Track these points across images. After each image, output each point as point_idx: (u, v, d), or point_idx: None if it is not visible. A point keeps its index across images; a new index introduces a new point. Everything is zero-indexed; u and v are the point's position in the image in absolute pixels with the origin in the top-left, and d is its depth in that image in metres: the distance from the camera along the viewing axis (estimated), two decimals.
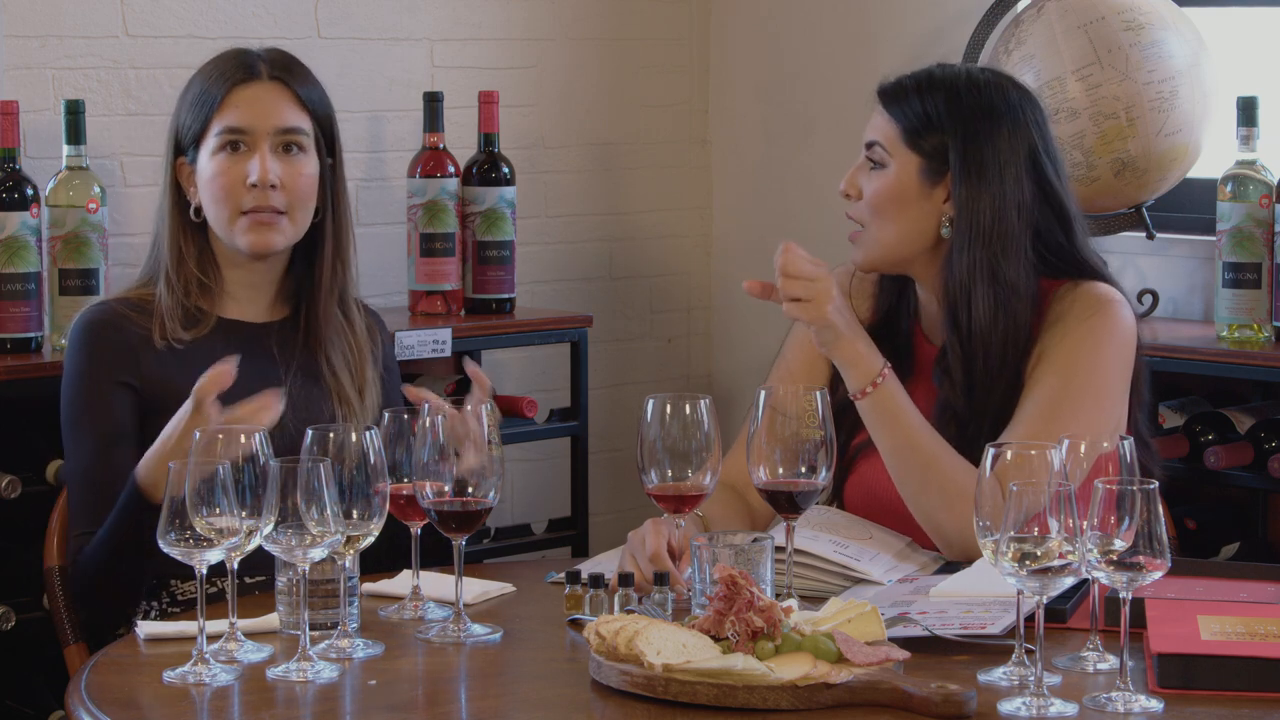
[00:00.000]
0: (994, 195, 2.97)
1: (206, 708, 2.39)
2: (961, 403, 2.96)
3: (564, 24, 4.63)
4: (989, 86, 3.02)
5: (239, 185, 3.06)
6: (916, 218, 3.01)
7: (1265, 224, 3.73)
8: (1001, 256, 2.96)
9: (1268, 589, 2.70)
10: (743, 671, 2.30)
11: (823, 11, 4.69)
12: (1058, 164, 3.04)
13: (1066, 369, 2.92)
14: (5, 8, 3.83)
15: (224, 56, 3.14)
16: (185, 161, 3.12)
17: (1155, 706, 2.31)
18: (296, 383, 3.08)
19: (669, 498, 2.71)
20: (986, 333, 2.96)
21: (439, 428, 2.59)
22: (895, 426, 2.90)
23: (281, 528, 2.45)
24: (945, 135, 2.98)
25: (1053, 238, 3.01)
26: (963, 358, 2.97)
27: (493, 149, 4.19)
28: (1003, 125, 2.99)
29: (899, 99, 3.02)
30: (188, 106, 3.12)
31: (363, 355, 3.16)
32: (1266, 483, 3.69)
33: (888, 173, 3.01)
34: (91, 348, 3.05)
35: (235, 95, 3.08)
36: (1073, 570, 2.30)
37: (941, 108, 2.99)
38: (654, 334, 4.86)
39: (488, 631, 2.64)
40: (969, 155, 2.97)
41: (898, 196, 3.01)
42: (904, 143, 3.00)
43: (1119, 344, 2.97)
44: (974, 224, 2.96)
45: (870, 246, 3.04)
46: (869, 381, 2.90)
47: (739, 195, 4.87)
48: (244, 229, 3.07)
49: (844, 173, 3.08)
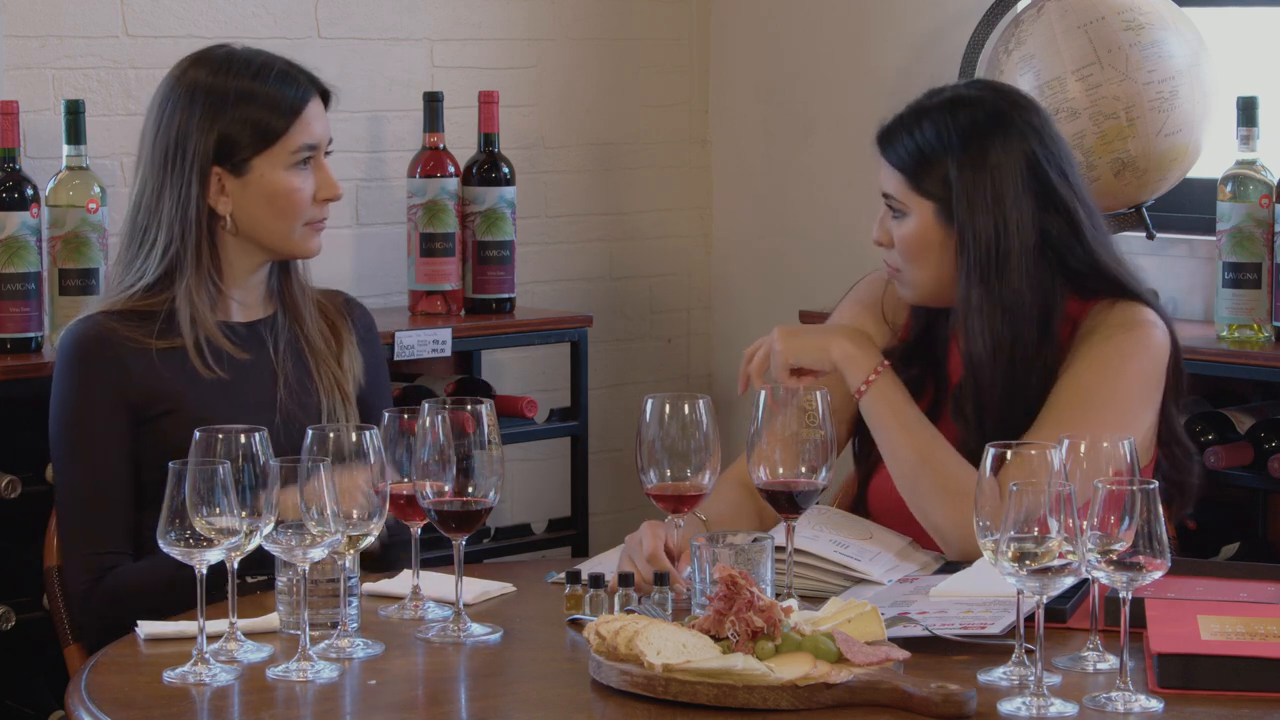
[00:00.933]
0: (993, 217, 2.93)
1: (206, 708, 2.39)
2: (975, 437, 2.92)
3: (564, 24, 4.63)
4: (974, 103, 2.99)
5: (308, 200, 3.12)
6: (945, 257, 2.98)
7: (1265, 224, 3.73)
8: (999, 281, 2.93)
9: (1268, 589, 2.70)
10: (743, 671, 2.30)
11: (823, 11, 4.69)
12: (1064, 164, 2.99)
13: (1088, 385, 2.90)
14: (5, 8, 3.83)
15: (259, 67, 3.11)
16: (220, 171, 3.08)
17: (1155, 706, 2.30)
18: (288, 366, 3.13)
19: (668, 498, 2.71)
20: (988, 361, 2.93)
21: (439, 428, 2.59)
22: (891, 422, 2.90)
23: (281, 528, 2.46)
24: (943, 165, 2.96)
25: (1065, 244, 2.97)
26: (973, 390, 2.95)
27: (493, 149, 4.19)
28: (993, 140, 2.95)
29: (893, 141, 3.00)
30: (238, 119, 3.07)
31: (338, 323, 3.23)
32: (1266, 483, 3.69)
33: (909, 220, 3.00)
34: (80, 365, 3.03)
35: (310, 110, 3.12)
36: (1073, 570, 2.30)
37: (931, 139, 2.97)
38: (654, 334, 4.86)
39: (488, 631, 2.64)
40: (964, 180, 2.94)
41: (923, 242, 2.99)
42: (913, 191, 2.98)
43: (1145, 362, 2.94)
44: (973, 251, 2.94)
45: (912, 287, 3.04)
46: (865, 377, 2.90)
47: (739, 195, 4.87)
48: (307, 238, 3.15)
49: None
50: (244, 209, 3.09)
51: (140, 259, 3.11)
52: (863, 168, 4.57)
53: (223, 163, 3.08)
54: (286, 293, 3.19)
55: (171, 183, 3.08)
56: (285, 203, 3.10)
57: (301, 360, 3.15)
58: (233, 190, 3.08)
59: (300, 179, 3.11)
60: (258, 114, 3.08)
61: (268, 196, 3.09)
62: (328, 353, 3.18)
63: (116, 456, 3.02)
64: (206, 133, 3.07)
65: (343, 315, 3.24)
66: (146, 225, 3.11)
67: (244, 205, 3.09)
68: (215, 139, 3.07)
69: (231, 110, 3.08)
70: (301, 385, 3.06)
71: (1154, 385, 2.96)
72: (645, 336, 4.84)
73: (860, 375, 2.91)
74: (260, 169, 3.09)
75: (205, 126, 3.07)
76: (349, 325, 3.24)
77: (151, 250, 3.10)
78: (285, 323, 3.18)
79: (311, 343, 3.17)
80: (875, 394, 2.90)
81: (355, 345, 3.22)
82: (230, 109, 3.08)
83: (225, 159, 3.08)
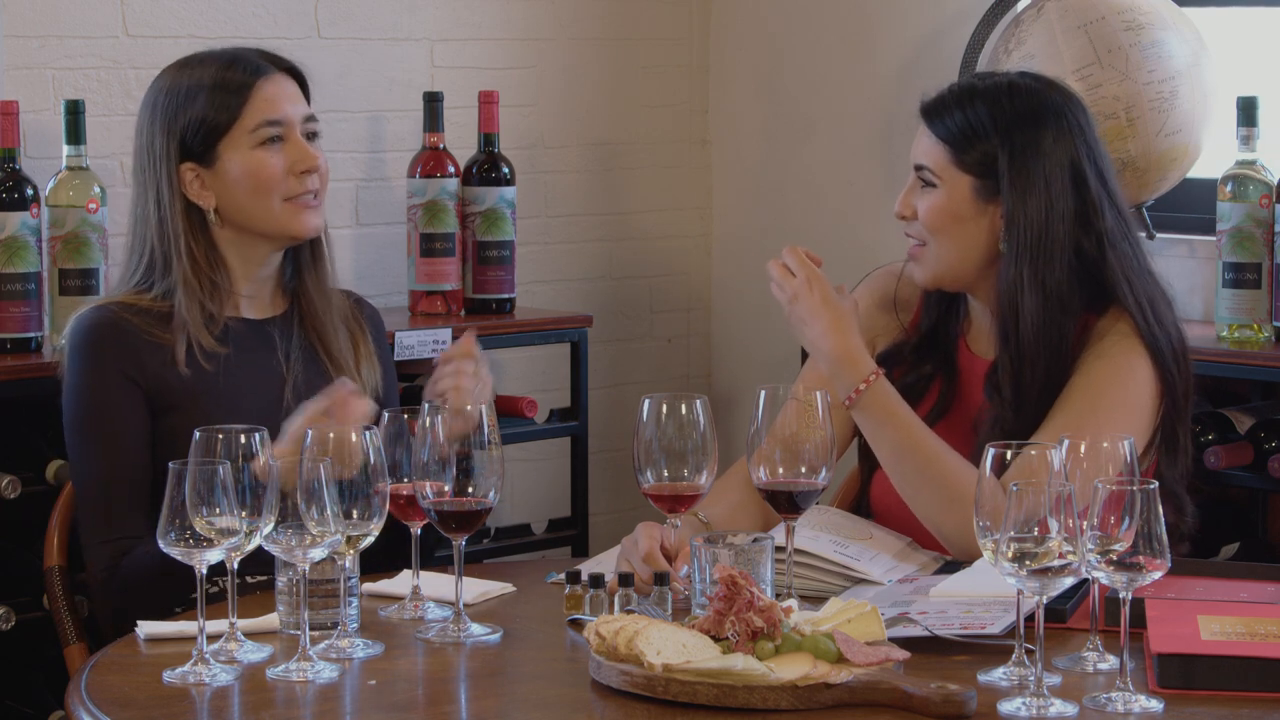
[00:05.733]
0: (1041, 203, 2.94)
1: (206, 708, 2.39)
2: (1011, 418, 2.93)
3: (564, 24, 4.63)
4: (1030, 92, 3.00)
5: (280, 174, 3.09)
6: (974, 233, 2.99)
7: (1265, 224, 3.73)
8: (1046, 267, 2.94)
9: (1268, 589, 2.70)
10: (743, 671, 2.30)
11: (823, 11, 4.69)
12: (1103, 166, 3.00)
13: (1097, 384, 2.90)
14: (5, 8, 3.83)
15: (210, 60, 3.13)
16: (192, 166, 3.10)
17: (1155, 706, 2.31)
18: (299, 369, 3.13)
19: (665, 498, 2.71)
20: (1035, 343, 2.93)
21: (439, 428, 2.59)
22: (888, 429, 2.90)
23: (281, 528, 2.46)
24: (991, 144, 2.96)
25: (1099, 247, 2.97)
26: (1012, 371, 2.95)
27: (493, 149, 4.19)
28: (1046, 129, 2.96)
29: (942, 114, 3.00)
30: (191, 114, 3.09)
31: (356, 334, 3.22)
32: (1266, 483, 3.69)
33: (939, 192, 2.99)
34: (95, 350, 3.04)
35: (262, 90, 3.10)
36: (1072, 570, 2.30)
37: (985, 117, 2.97)
38: (654, 334, 4.86)
39: (488, 631, 2.64)
40: (1015, 162, 2.94)
41: (953, 214, 2.99)
42: (952, 164, 2.98)
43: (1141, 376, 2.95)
44: (1023, 232, 2.94)
45: (932, 264, 3.03)
46: (854, 386, 2.89)
47: (739, 195, 4.87)
48: (291, 215, 3.11)
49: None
50: (223, 198, 3.11)
51: (137, 264, 3.15)
52: (863, 168, 4.59)
53: (192, 158, 3.10)
54: (303, 290, 3.18)
55: (149, 187, 3.13)
56: (254, 181, 3.09)
57: (315, 365, 3.14)
58: (210, 183, 3.11)
59: (268, 155, 3.10)
60: (207, 102, 3.10)
61: (238, 179, 3.10)
62: (347, 362, 3.17)
63: (134, 441, 3.02)
64: (168, 133, 3.11)
65: (358, 321, 3.24)
66: (140, 232, 3.15)
67: (222, 194, 3.11)
68: (178, 137, 3.10)
69: (185, 106, 3.11)
70: (311, 388, 3.05)
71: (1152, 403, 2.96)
72: (645, 336, 4.84)
73: (851, 383, 2.89)
74: (226, 155, 3.10)
75: (167, 128, 3.11)
76: (365, 332, 3.23)
77: (145, 255, 3.14)
78: (298, 323, 3.17)
79: (329, 348, 3.16)
80: (870, 400, 2.89)
81: (374, 356, 3.22)
82: (184, 105, 3.11)
83: (192, 154, 3.10)
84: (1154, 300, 2.99)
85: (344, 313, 3.22)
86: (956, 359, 3.10)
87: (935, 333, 3.12)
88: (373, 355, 3.22)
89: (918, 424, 2.91)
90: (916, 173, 3.03)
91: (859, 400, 2.89)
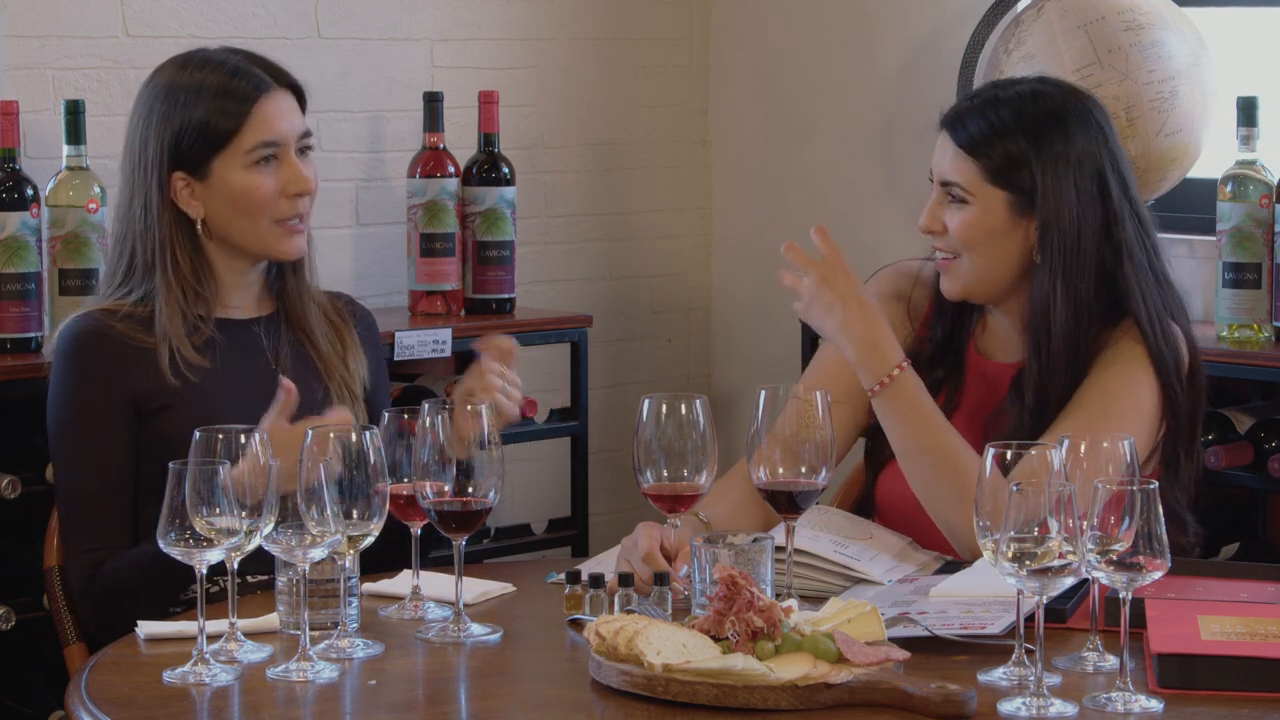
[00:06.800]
0: (1073, 215, 2.94)
1: (206, 708, 2.39)
2: (1029, 424, 2.93)
3: (564, 24, 4.63)
4: (1052, 99, 2.99)
5: (272, 196, 3.07)
6: (1007, 247, 2.99)
7: (1265, 224, 3.73)
8: (1079, 278, 2.94)
9: (1268, 589, 2.70)
10: (743, 671, 2.30)
11: (823, 11, 4.69)
12: (1125, 172, 3.00)
13: (1109, 390, 2.91)
14: (5, 8, 3.83)
15: (210, 65, 3.08)
16: (184, 176, 3.08)
17: (1155, 706, 2.31)
18: (288, 367, 3.12)
19: (664, 498, 2.71)
20: (1063, 353, 2.94)
21: (439, 428, 2.59)
22: (911, 422, 2.89)
23: (281, 528, 2.46)
24: (1024, 157, 2.95)
25: (1120, 257, 2.97)
26: (1038, 379, 2.95)
27: (493, 149, 4.19)
28: (1074, 136, 2.96)
29: (965, 126, 2.98)
30: (187, 123, 3.05)
31: (340, 327, 3.22)
32: (1266, 483, 3.69)
33: (973, 209, 2.98)
34: (79, 361, 3.03)
35: (262, 108, 3.06)
36: (1072, 570, 2.30)
37: (1011, 126, 2.96)
38: (654, 334, 4.86)
39: (488, 631, 2.64)
40: (1048, 175, 2.93)
41: (989, 231, 2.98)
42: (984, 180, 2.97)
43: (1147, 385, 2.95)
44: (1056, 244, 2.93)
45: (965, 277, 3.02)
46: (883, 376, 2.89)
47: (739, 195, 4.87)
48: (277, 237, 3.09)
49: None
50: (212, 212, 3.09)
51: (121, 265, 3.12)
52: (863, 168, 4.59)
53: (184, 167, 3.07)
54: (285, 293, 3.18)
55: (138, 187, 3.10)
56: (246, 202, 3.07)
57: (305, 362, 3.15)
58: (200, 194, 3.08)
59: (261, 177, 3.07)
60: (205, 114, 3.06)
61: (229, 198, 3.07)
62: (334, 356, 3.18)
63: (116, 452, 3.02)
64: (161, 136, 3.08)
65: (344, 317, 3.24)
66: (124, 233, 3.12)
67: (211, 208, 3.09)
68: (170, 141, 3.07)
69: (181, 112, 3.07)
70: (302, 384, 3.05)
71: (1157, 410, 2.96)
72: (645, 336, 4.84)
73: (879, 372, 2.89)
74: (219, 170, 3.07)
75: (160, 130, 3.08)
76: (351, 327, 3.24)
77: (127, 255, 3.11)
78: (285, 323, 3.18)
79: (317, 346, 3.17)
80: (896, 392, 2.89)
81: (359, 347, 3.22)
82: (180, 110, 3.07)
83: (184, 163, 3.07)
84: (1166, 316, 2.98)
85: (326, 309, 3.22)
86: (964, 360, 3.10)
87: (949, 340, 3.11)
88: (358, 347, 3.22)
89: (940, 418, 2.91)
90: (944, 188, 3.01)
91: (886, 389, 2.89)
